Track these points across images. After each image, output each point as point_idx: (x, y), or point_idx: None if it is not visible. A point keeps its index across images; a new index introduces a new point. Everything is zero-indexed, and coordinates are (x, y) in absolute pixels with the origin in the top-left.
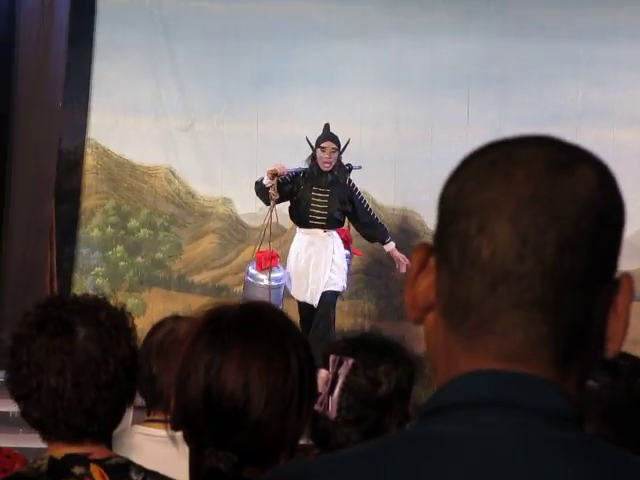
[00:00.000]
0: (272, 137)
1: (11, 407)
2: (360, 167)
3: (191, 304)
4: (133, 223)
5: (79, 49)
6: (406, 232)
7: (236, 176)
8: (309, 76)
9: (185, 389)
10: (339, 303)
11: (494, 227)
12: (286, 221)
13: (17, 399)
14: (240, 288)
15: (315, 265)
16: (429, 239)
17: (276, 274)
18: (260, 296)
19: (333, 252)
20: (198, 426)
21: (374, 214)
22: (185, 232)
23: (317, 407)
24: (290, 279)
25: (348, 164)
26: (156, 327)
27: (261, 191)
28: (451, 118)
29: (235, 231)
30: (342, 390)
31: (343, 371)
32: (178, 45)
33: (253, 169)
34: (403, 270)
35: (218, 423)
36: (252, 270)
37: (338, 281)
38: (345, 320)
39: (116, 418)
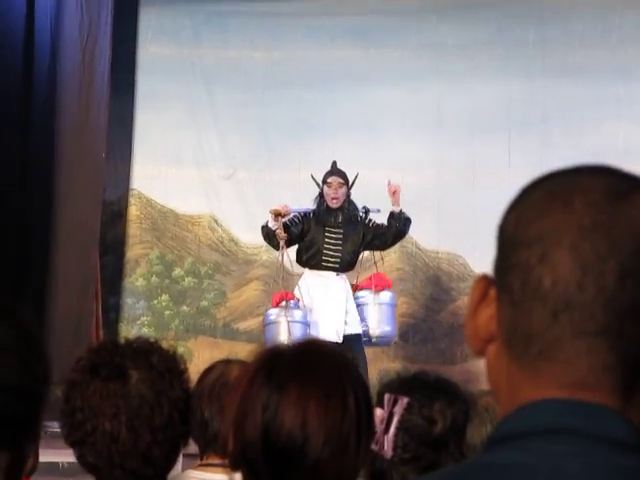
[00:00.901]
0: (313, 184)
1: (61, 457)
2: (379, 210)
3: (237, 351)
4: (177, 272)
5: (121, 101)
6: (449, 275)
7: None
8: (349, 122)
9: (243, 429)
10: (383, 348)
11: (555, 256)
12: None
13: (72, 444)
14: None
15: (331, 307)
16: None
17: (296, 311)
18: (281, 334)
19: (347, 300)
20: (257, 466)
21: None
22: (229, 280)
23: (373, 446)
24: (313, 323)
25: (364, 207)
26: (207, 371)
27: (268, 235)
28: (492, 161)
29: (279, 278)
30: (397, 429)
31: (398, 410)
32: (219, 94)
33: None
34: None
35: (276, 463)
36: (270, 310)
37: (356, 324)
38: (391, 364)
39: (171, 461)
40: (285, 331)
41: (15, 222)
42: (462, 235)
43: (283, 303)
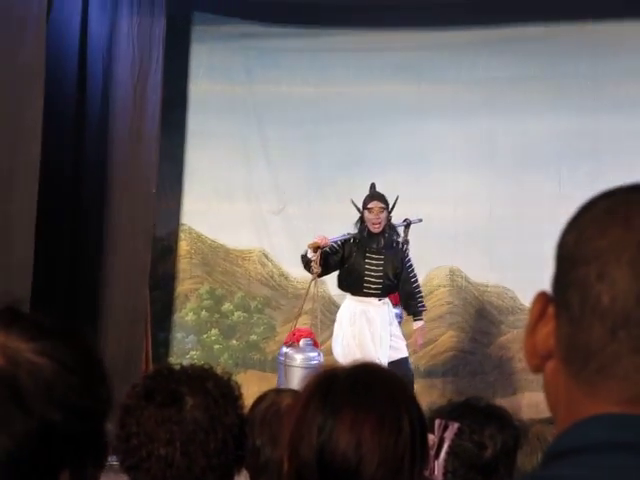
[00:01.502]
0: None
1: None
2: (421, 220)
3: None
4: (227, 306)
5: (171, 137)
6: (499, 309)
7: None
8: (400, 156)
9: (298, 451)
10: (433, 381)
11: (613, 273)
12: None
13: (127, 470)
14: None
15: (372, 335)
16: (522, 315)
17: (310, 353)
18: (293, 377)
19: (390, 324)
20: None
21: (417, 285)
22: (279, 314)
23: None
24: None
25: (406, 219)
26: (258, 400)
27: (307, 265)
28: (543, 194)
29: (328, 312)
30: (448, 454)
31: (449, 435)
32: (269, 130)
33: None
34: (420, 343)
35: None
36: (284, 349)
37: (402, 347)
38: (439, 399)
39: None
40: (298, 378)
41: (67, 257)
42: (512, 268)
43: (301, 343)
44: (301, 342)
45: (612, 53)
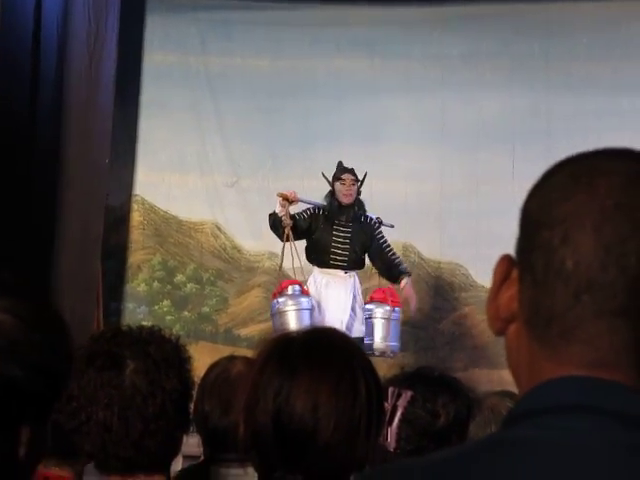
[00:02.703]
0: (317, 192)
1: None
2: (392, 226)
3: None
4: (180, 278)
5: (125, 107)
6: (452, 285)
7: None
8: (354, 131)
9: (254, 415)
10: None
11: (577, 237)
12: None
13: (69, 432)
14: None
15: (336, 306)
16: (475, 292)
17: (300, 299)
18: (288, 321)
19: (354, 298)
20: (268, 450)
21: (393, 254)
22: (231, 286)
23: None
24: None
25: (379, 218)
26: (211, 367)
27: (275, 224)
28: (496, 172)
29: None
30: (401, 421)
31: (402, 403)
32: (224, 102)
33: None
34: (413, 305)
35: (288, 447)
36: (275, 300)
37: (356, 328)
38: (390, 372)
39: (169, 449)
40: (292, 320)
41: (18, 227)
42: (465, 245)
43: (289, 290)
44: (289, 289)
45: (566, 33)
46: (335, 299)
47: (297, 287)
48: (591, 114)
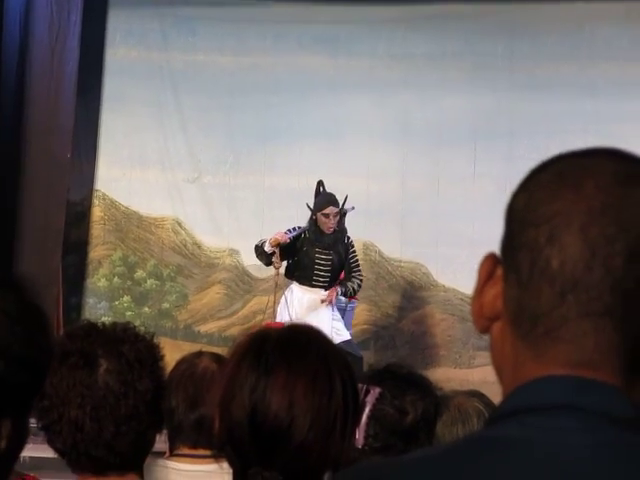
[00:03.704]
0: (278, 189)
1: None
2: (353, 208)
3: None
4: (140, 274)
5: (87, 102)
6: (412, 284)
7: (242, 227)
8: (316, 129)
9: (230, 410)
10: None
11: (564, 237)
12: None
13: (42, 428)
14: None
15: (318, 322)
16: (435, 291)
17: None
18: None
19: (332, 309)
20: (243, 446)
21: (357, 273)
22: (191, 283)
23: None
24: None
25: (342, 208)
26: (179, 363)
27: (261, 256)
28: (457, 172)
29: (241, 282)
30: (369, 418)
31: (370, 399)
32: (186, 98)
33: (260, 220)
34: (332, 296)
35: (263, 443)
36: None
37: (343, 330)
38: None
39: (141, 449)
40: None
41: None
42: (425, 244)
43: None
44: None
45: (530, 34)
46: (318, 317)
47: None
48: (554, 115)
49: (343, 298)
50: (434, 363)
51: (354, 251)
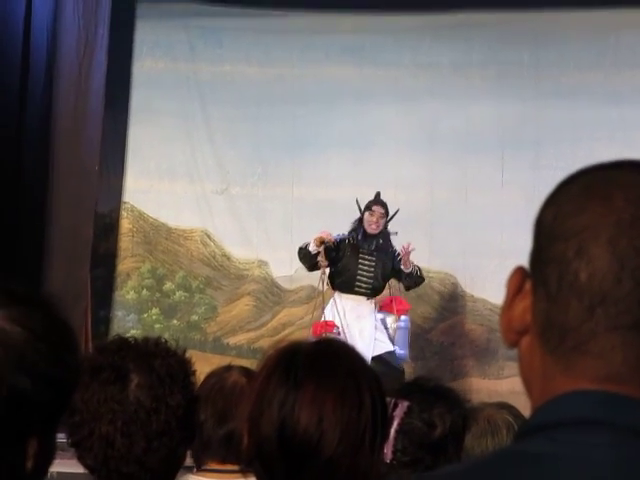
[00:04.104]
0: (307, 200)
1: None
2: (396, 233)
3: None
4: (169, 286)
5: (115, 114)
6: (441, 294)
7: (271, 239)
8: (343, 140)
9: (259, 426)
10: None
11: (592, 250)
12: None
13: (73, 445)
14: None
15: (361, 331)
16: (464, 301)
17: None
18: None
19: (376, 319)
20: (272, 462)
21: (413, 271)
22: (220, 294)
23: None
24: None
25: (395, 232)
26: (208, 376)
27: (305, 257)
28: (485, 181)
29: (270, 293)
30: (397, 432)
31: (398, 413)
32: (213, 110)
33: (288, 232)
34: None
35: (292, 459)
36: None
37: (386, 340)
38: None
39: (172, 465)
40: None
41: (8, 233)
42: (454, 254)
43: (324, 334)
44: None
45: (555, 42)
46: (362, 326)
47: (337, 329)
48: (580, 123)
49: (388, 320)
50: (463, 374)
51: (399, 254)
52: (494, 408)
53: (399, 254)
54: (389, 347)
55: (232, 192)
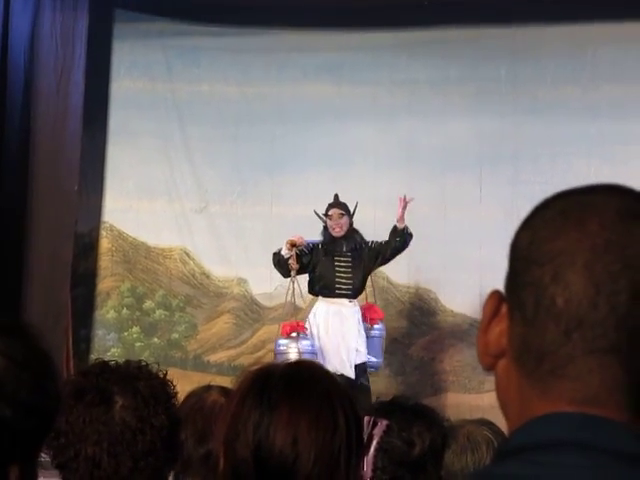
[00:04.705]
0: (286, 218)
1: None
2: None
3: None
4: (148, 304)
5: (94, 133)
6: (420, 309)
7: (250, 256)
8: (321, 158)
9: (234, 448)
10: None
11: (568, 275)
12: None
13: (57, 467)
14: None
15: (344, 335)
16: (444, 316)
17: (305, 342)
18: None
19: (359, 322)
20: None
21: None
22: (200, 312)
23: None
24: (321, 351)
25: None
26: (188, 396)
27: (279, 262)
28: (464, 196)
29: (250, 311)
30: (377, 450)
31: (378, 432)
32: (191, 129)
33: (267, 250)
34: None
35: None
36: (280, 340)
37: (364, 352)
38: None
39: None
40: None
41: None
42: (433, 270)
43: (294, 334)
44: (293, 333)
45: (533, 57)
46: (346, 328)
47: (306, 337)
48: (558, 138)
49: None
50: (444, 389)
51: (371, 241)
52: (474, 425)
53: (371, 242)
54: (363, 358)
55: (211, 210)
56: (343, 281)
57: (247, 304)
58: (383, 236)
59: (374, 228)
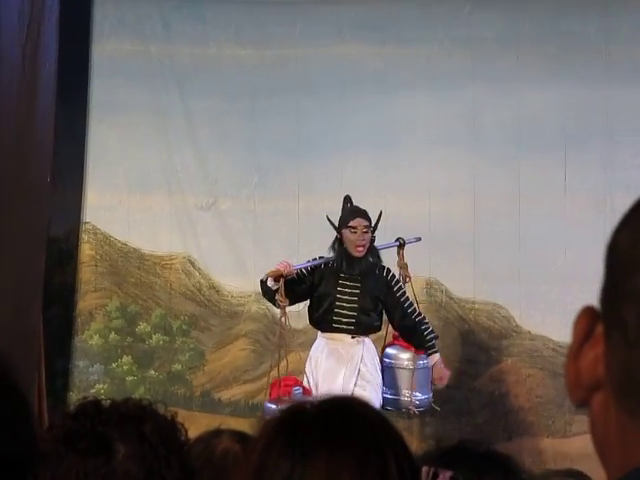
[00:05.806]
0: (316, 214)
1: None
2: (419, 239)
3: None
4: (143, 327)
5: (70, 112)
6: (490, 332)
7: (272, 265)
8: (361, 137)
9: None
10: (406, 423)
11: None
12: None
13: None
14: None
15: (332, 378)
16: (519, 339)
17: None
18: None
19: (362, 362)
20: None
21: (417, 315)
22: (209, 337)
23: None
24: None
25: (399, 238)
26: (194, 443)
27: (267, 293)
28: (543, 185)
29: (272, 334)
30: None
31: None
32: (195, 102)
33: (294, 256)
34: (444, 382)
35: None
36: (267, 404)
37: (371, 398)
38: (415, 444)
39: None
40: None
41: None
42: (505, 280)
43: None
44: (291, 392)
45: (629, 9)
46: (333, 376)
47: (298, 388)
48: None
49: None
50: (520, 431)
51: (401, 287)
52: (560, 476)
53: (397, 278)
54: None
55: (222, 207)
56: (344, 312)
57: (268, 325)
58: (439, 236)
59: (429, 226)
